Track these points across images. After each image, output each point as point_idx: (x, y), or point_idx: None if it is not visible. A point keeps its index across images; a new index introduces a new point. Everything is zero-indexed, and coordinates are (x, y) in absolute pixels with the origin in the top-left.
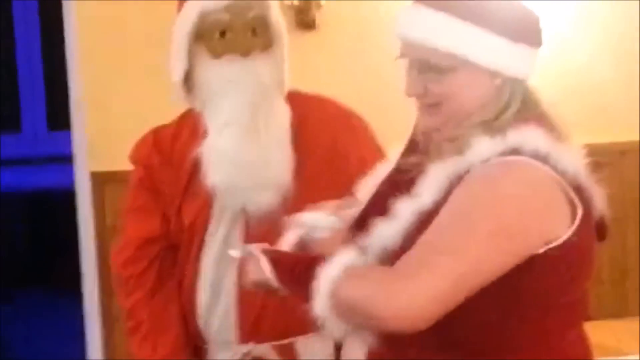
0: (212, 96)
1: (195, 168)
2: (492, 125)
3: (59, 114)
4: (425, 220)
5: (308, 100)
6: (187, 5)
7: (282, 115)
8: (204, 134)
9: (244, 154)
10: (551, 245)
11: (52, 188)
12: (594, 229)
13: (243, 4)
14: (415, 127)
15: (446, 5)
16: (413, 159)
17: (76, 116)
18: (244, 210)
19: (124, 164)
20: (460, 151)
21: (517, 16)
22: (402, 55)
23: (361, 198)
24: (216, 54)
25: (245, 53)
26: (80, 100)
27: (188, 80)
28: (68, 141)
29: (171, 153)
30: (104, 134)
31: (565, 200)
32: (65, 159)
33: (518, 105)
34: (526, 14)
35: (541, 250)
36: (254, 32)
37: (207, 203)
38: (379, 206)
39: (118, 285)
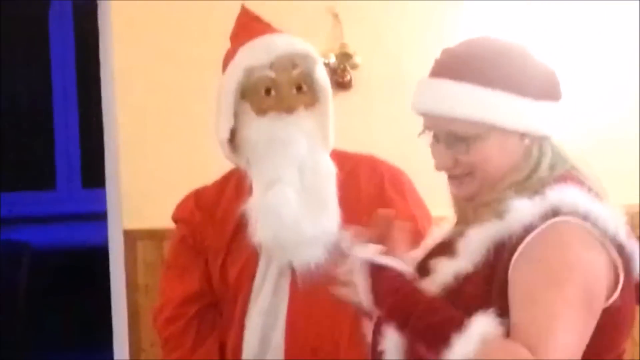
0: (257, 153)
1: (240, 225)
2: (528, 185)
3: (93, 171)
4: (462, 283)
5: (354, 158)
6: (232, 63)
7: (329, 171)
8: (249, 191)
9: (291, 211)
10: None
11: (86, 245)
12: (634, 290)
13: (288, 61)
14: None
15: (465, 74)
16: (455, 230)
17: (110, 173)
18: (290, 265)
19: (157, 222)
20: (499, 215)
21: (536, 74)
22: (427, 129)
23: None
24: (261, 111)
25: (290, 110)
26: (114, 157)
27: (234, 138)
28: (102, 198)
29: (215, 210)
30: (137, 191)
31: (608, 259)
32: (99, 216)
33: (548, 162)
34: (543, 70)
35: None
36: (299, 88)
37: (252, 259)
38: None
39: (161, 344)
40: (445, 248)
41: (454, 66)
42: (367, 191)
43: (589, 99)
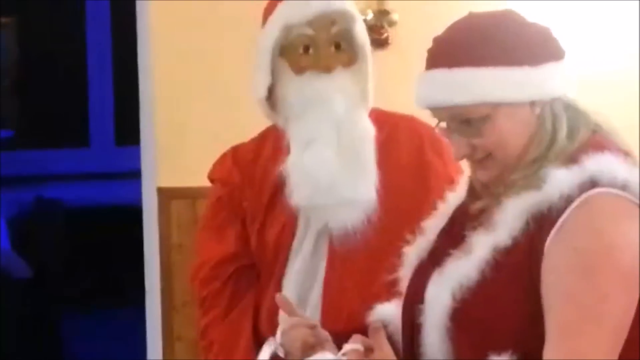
0: (295, 113)
1: (278, 186)
2: (552, 156)
3: (126, 130)
4: (502, 256)
5: (392, 117)
6: (270, 20)
7: (367, 131)
8: (287, 151)
9: (328, 172)
10: None
11: (120, 203)
12: None
13: (327, 18)
14: (472, 180)
15: (457, 59)
16: (478, 204)
17: (145, 131)
18: (328, 227)
19: (192, 180)
20: (537, 186)
21: (529, 38)
22: (438, 121)
23: (429, 232)
24: (299, 70)
25: (329, 69)
26: (149, 115)
27: (271, 96)
28: (135, 156)
29: (253, 171)
30: (171, 149)
31: None
32: (133, 175)
33: (566, 125)
34: (536, 31)
35: None
36: (337, 47)
37: (291, 220)
38: (451, 237)
39: (198, 304)
40: (474, 219)
41: (444, 54)
42: (406, 153)
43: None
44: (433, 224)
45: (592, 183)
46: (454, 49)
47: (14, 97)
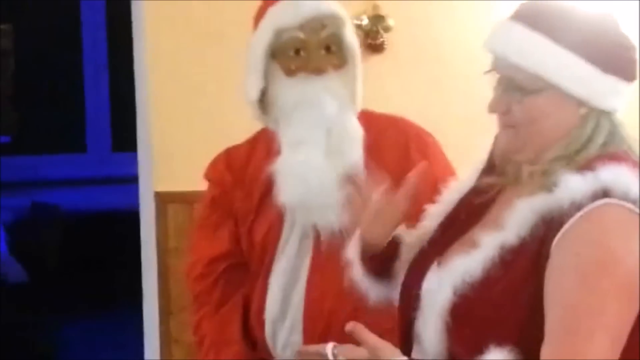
0: (286, 114)
1: (268, 186)
2: (578, 160)
3: (122, 135)
4: (508, 256)
5: (381, 119)
6: (262, 24)
7: (356, 133)
8: (278, 152)
9: (316, 173)
10: None
11: (117, 208)
12: None
13: (317, 22)
14: (493, 148)
15: (542, 25)
16: (489, 180)
17: (142, 137)
18: (314, 227)
19: (188, 185)
20: (548, 188)
21: (613, 46)
22: (492, 69)
23: (432, 219)
24: (290, 72)
25: (319, 71)
26: (146, 120)
27: (263, 99)
28: (131, 162)
29: (244, 172)
30: (168, 154)
31: None
32: (128, 180)
33: (603, 139)
34: (623, 45)
35: None
36: (328, 49)
37: (278, 220)
38: (454, 227)
39: (191, 301)
40: (475, 207)
41: (535, 13)
42: (392, 154)
43: None
44: (436, 211)
45: (605, 193)
46: (546, 14)
47: (11, 102)
